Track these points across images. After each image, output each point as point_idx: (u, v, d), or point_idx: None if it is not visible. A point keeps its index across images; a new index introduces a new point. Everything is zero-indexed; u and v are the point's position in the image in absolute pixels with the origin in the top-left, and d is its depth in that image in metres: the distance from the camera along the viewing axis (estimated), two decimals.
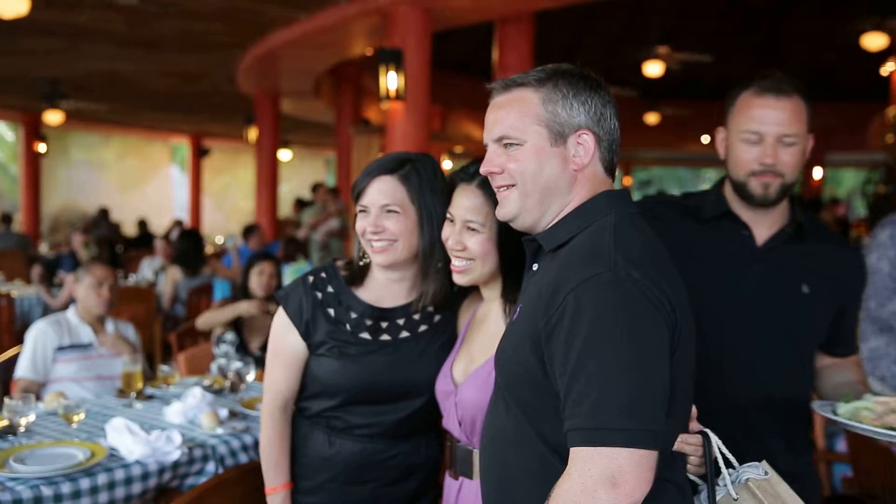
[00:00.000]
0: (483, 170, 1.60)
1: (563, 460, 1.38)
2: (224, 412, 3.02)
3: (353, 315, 2.06)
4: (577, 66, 1.58)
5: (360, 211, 2.04)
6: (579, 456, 1.32)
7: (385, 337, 2.06)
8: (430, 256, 2.02)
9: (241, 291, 4.46)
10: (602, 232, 1.47)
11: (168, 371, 3.54)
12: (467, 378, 1.89)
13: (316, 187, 10.96)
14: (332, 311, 2.06)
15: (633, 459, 1.29)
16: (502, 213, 1.59)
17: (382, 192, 2.00)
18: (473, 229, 1.86)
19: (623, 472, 1.29)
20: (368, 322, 2.06)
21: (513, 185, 1.55)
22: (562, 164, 1.53)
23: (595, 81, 1.55)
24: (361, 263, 2.10)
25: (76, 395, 3.50)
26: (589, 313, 1.34)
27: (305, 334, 2.05)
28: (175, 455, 2.61)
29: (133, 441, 2.59)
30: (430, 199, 2.01)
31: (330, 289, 2.08)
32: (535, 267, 1.62)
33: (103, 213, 14.64)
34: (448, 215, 1.92)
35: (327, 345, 2.04)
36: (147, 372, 3.72)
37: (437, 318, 2.10)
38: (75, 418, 2.82)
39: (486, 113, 1.60)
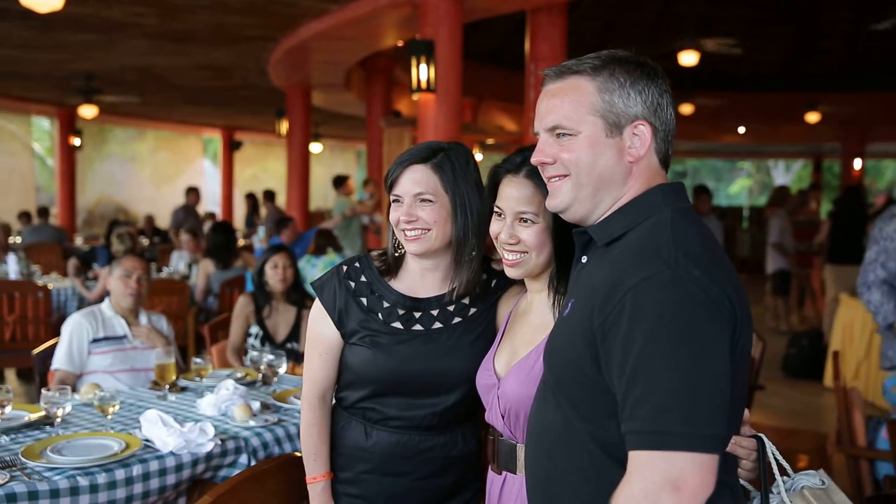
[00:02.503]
0: (535, 160, 1.56)
1: (614, 459, 1.36)
2: (256, 405, 3.03)
3: (386, 304, 2.06)
4: (633, 53, 1.53)
5: (394, 201, 2.03)
6: (640, 460, 1.29)
7: (417, 327, 2.05)
8: (464, 245, 2.01)
9: (256, 285, 4.47)
10: (660, 228, 1.43)
11: (201, 363, 3.56)
12: (510, 371, 1.86)
13: (340, 180, 10.98)
14: (364, 301, 2.06)
15: (696, 463, 1.26)
16: (553, 203, 1.56)
17: (415, 181, 1.99)
18: (527, 220, 1.83)
19: (686, 477, 1.26)
20: (401, 312, 2.06)
21: (566, 176, 1.52)
22: (617, 155, 1.49)
23: (652, 69, 1.51)
24: (396, 255, 2.10)
25: (111, 387, 3.54)
26: (649, 313, 1.31)
27: (339, 323, 2.06)
28: (208, 447, 2.62)
29: (167, 433, 2.61)
30: (464, 187, 2.00)
31: (363, 278, 2.09)
32: (584, 259, 1.59)
33: (193, 191, 13.07)
34: (496, 209, 1.89)
35: (359, 334, 2.05)
36: (180, 364, 3.75)
37: (472, 311, 2.08)
38: (110, 410, 2.84)
39: (539, 100, 1.56)
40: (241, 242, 10.33)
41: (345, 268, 2.11)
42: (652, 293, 1.32)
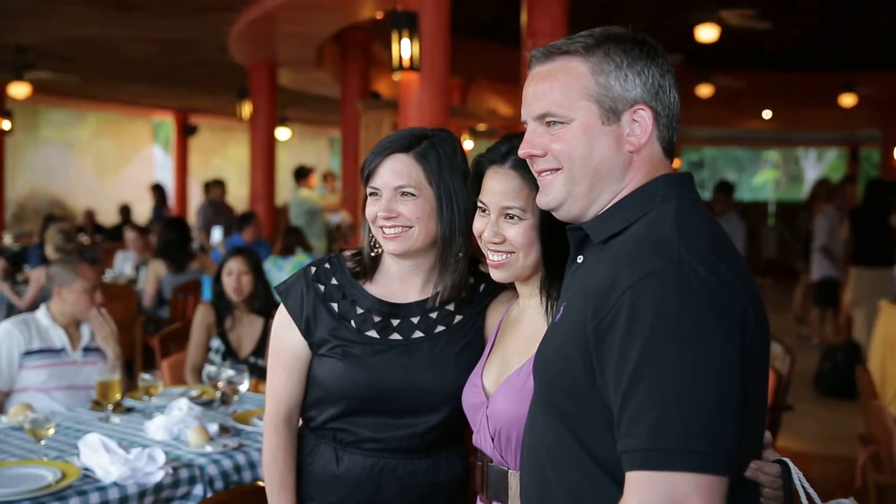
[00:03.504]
0: (522, 152, 1.58)
1: (614, 478, 1.37)
2: (214, 427, 3.03)
3: (360, 310, 2.07)
4: (630, 29, 1.55)
5: (371, 194, 2.05)
6: (638, 482, 1.29)
7: (395, 336, 2.06)
8: (449, 245, 2.03)
9: (216, 293, 4.45)
10: (663, 221, 1.45)
11: (150, 380, 3.55)
12: (500, 386, 1.87)
13: (302, 172, 10.93)
14: (335, 306, 2.07)
15: (701, 486, 1.26)
16: (545, 200, 1.58)
17: (396, 173, 2.00)
18: (513, 217, 1.84)
19: (689, 501, 1.26)
20: (377, 318, 2.07)
21: (558, 170, 1.53)
22: (615, 144, 1.51)
23: (652, 48, 1.53)
24: (373, 254, 2.10)
25: (45, 407, 3.52)
26: (649, 315, 1.31)
27: (306, 332, 2.07)
28: (158, 476, 2.62)
29: (110, 460, 2.59)
30: (450, 179, 2.02)
31: (334, 281, 2.10)
32: (579, 259, 1.61)
33: (217, 184, 12.13)
34: (479, 205, 1.90)
35: (329, 344, 2.05)
36: (126, 381, 3.73)
37: (457, 318, 2.10)
38: (44, 434, 2.82)
39: (525, 85, 1.58)
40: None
41: (313, 269, 2.12)
42: (653, 292, 1.33)
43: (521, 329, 1.94)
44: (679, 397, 1.28)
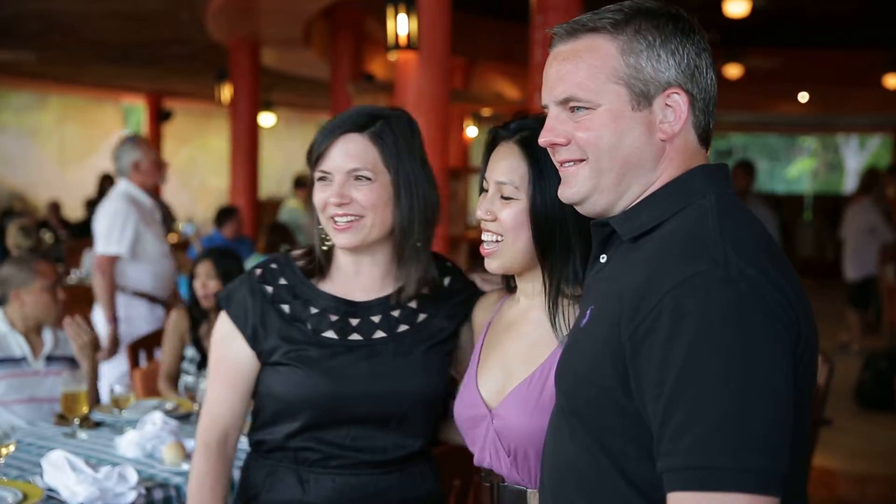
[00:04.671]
0: (543, 140, 1.58)
1: (649, 500, 1.38)
2: (191, 443, 3.03)
3: (314, 310, 2.08)
4: (662, 3, 1.55)
5: (320, 178, 2.05)
6: (681, 503, 1.29)
7: (355, 337, 2.07)
8: (408, 234, 2.05)
9: (190, 298, 4.47)
10: (703, 217, 1.45)
11: (121, 392, 3.55)
12: (508, 399, 1.87)
13: (303, 182, 10.93)
14: (285, 308, 2.08)
15: None
16: (568, 194, 1.58)
17: (350, 154, 2.01)
18: (507, 198, 1.87)
19: None
20: (333, 318, 2.08)
21: (582, 160, 1.54)
22: (646, 132, 1.51)
23: (687, 23, 1.53)
24: (324, 248, 2.10)
25: (4, 422, 3.52)
26: (693, 322, 1.31)
27: (254, 341, 2.07)
28: (129, 497, 2.62)
29: (76, 480, 2.60)
30: (409, 163, 2.04)
31: (282, 281, 2.10)
32: (603, 258, 1.61)
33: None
34: (483, 183, 1.93)
35: (281, 350, 2.05)
36: (94, 393, 3.74)
37: (421, 316, 2.12)
38: (4, 451, 2.83)
39: (546, 65, 1.58)
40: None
41: (258, 271, 2.13)
42: (697, 296, 1.33)
43: (522, 333, 1.95)
44: (729, 410, 1.28)
